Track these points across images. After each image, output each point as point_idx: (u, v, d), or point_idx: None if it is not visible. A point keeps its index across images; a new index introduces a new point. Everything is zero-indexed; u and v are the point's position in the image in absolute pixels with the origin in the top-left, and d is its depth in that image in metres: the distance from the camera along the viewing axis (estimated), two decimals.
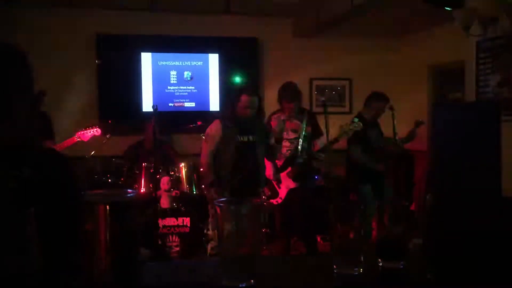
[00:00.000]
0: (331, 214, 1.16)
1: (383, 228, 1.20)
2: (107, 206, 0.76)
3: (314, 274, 1.18)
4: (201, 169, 4.14)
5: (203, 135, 4.19)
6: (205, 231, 4.42)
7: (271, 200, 4.84)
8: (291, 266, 1.30)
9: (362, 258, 1.13)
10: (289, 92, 4.66)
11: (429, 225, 1.05)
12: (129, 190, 0.84)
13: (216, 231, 3.93)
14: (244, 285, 1.04)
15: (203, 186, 4.39)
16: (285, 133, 4.76)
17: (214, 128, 3.98)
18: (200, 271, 1.17)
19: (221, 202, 1.08)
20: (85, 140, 4.97)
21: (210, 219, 4.11)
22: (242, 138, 3.93)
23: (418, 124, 5.18)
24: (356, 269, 1.13)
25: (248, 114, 3.86)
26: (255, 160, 3.94)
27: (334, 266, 1.14)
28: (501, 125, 0.73)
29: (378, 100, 4.98)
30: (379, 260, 1.18)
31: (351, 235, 1.13)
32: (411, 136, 5.11)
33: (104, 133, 5.17)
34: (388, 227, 1.19)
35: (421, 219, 1.24)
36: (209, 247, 4.02)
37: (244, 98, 3.82)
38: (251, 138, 3.95)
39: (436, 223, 0.94)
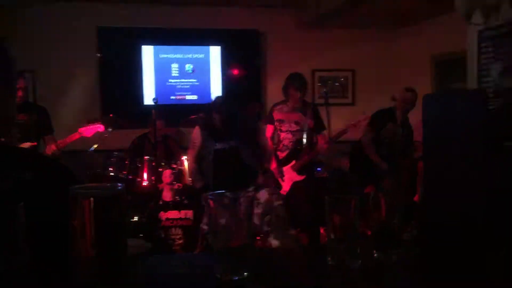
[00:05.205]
0: (327, 205, 1.15)
1: (379, 220, 1.19)
2: (92, 200, 0.75)
3: (308, 266, 1.17)
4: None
5: None
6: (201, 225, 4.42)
7: None
8: (285, 258, 1.29)
9: (358, 250, 1.13)
10: (297, 80, 4.65)
11: (421, 216, 1.04)
12: (118, 184, 0.83)
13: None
14: (237, 278, 1.03)
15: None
16: (287, 124, 4.75)
17: (195, 134, 3.96)
18: (195, 264, 1.17)
19: (215, 194, 1.07)
20: (88, 135, 4.97)
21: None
22: (220, 146, 3.85)
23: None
24: (352, 261, 1.12)
25: (221, 125, 3.79)
26: (238, 165, 3.83)
27: (329, 258, 1.13)
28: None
29: None
30: (374, 251, 1.18)
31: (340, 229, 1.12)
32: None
33: (106, 127, 5.17)
34: (383, 218, 1.18)
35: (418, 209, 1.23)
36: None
37: (215, 116, 3.77)
38: (232, 143, 3.85)
39: (427, 213, 0.93)
